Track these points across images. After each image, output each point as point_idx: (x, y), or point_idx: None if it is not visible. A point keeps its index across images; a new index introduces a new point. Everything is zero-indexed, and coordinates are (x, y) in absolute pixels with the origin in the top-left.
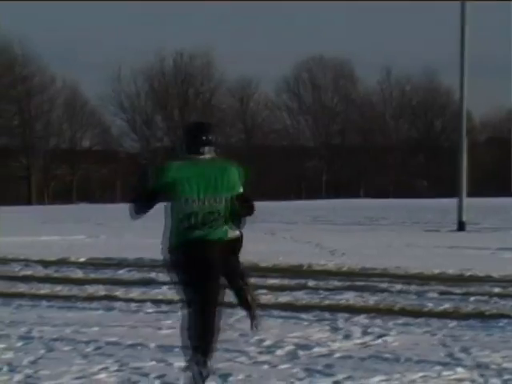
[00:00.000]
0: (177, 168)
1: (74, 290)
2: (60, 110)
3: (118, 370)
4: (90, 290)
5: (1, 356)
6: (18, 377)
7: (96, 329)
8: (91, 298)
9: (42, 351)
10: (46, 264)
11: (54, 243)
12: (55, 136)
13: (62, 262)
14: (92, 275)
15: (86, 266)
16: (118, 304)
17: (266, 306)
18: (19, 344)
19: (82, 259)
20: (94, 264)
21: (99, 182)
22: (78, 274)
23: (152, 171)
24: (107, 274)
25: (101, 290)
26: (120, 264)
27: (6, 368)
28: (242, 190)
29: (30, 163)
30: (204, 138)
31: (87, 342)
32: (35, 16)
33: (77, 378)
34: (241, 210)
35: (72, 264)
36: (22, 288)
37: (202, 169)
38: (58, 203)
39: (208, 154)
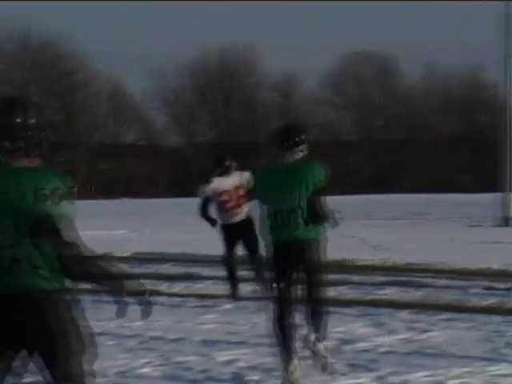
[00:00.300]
0: (265, 172)
1: None
2: (104, 105)
3: (161, 365)
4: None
5: None
6: None
7: (140, 323)
8: (133, 293)
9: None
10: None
11: (98, 238)
12: (99, 131)
13: (107, 257)
14: (136, 270)
15: (129, 261)
16: (161, 298)
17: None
18: None
19: (125, 254)
20: (137, 258)
21: (143, 177)
22: (123, 268)
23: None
24: (151, 268)
25: (146, 284)
26: (163, 258)
27: None
28: (320, 188)
29: (75, 158)
30: (289, 141)
31: (131, 337)
32: (80, 12)
33: (121, 373)
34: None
35: (116, 259)
36: (66, 282)
37: (285, 171)
38: (102, 198)
39: (292, 155)
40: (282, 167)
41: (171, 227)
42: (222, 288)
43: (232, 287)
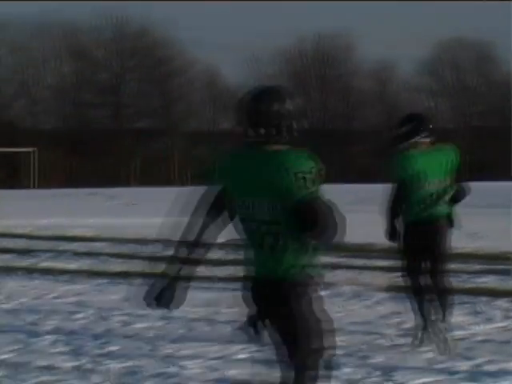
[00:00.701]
0: (417, 156)
1: (214, 271)
2: (200, 92)
3: (257, 351)
4: (230, 270)
5: (142, 335)
6: (158, 356)
7: (236, 310)
8: (231, 279)
9: (182, 331)
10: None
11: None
12: (196, 118)
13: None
14: (231, 256)
15: (225, 247)
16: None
17: (405, 289)
18: (160, 324)
19: (221, 240)
20: (233, 245)
21: None
22: (218, 254)
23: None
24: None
25: (240, 271)
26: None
27: (147, 347)
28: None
29: (172, 145)
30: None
31: (227, 323)
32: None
33: (216, 358)
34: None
35: (213, 244)
36: (162, 268)
37: (431, 155)
38: (198, 184)
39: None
40: (426, 151)
41: None
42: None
43: None
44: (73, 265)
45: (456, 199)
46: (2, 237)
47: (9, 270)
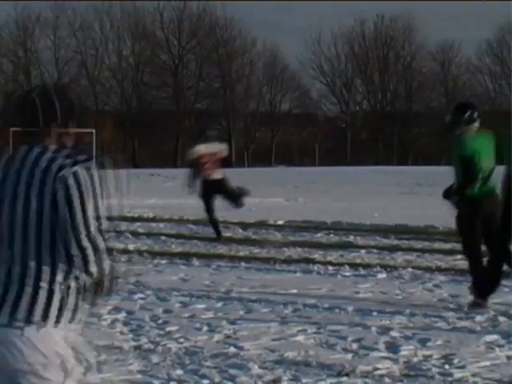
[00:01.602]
0: (475, 139)
1: (273, 253)
2: (260, 73)
3: (315, 333)
4: (289, 252)
5: (201, 316)
6: (217, 337)
7: (294, 291)
8: (289, 261)
9: (241, 312)
10: (245, 226)
11: (252, 205)
12: (255, 99)
13: (261, 225)
14: (290, 238)
15: (284, 229)
16: (315, 267)
17: (465, 272)
18: (219, 305)
19: (280, 222)
20: (292, 227)
21: (298, 145)
22: (277, 236)
23: None
24: (305, 236)
25: (299, 253)
26: (318, 227)
27: (205, 328)
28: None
29: (231, 126)
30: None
31: (285, 304)
32: None
33: (274, 340)
34: None
35: (270, 226)
36: (221, 249)
37: (483, 139)
38: (257, 166)
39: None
40: (478, 135)
41: (326, 196)
42: (376, 257)
43: (216, 231)
44: (132, 245)
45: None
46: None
47: None
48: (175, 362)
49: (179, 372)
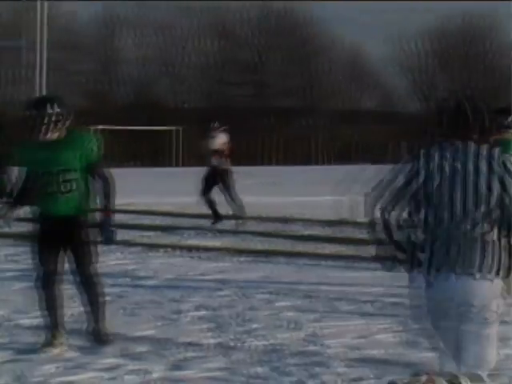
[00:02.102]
0: None
1: (358, 250)
2: (344, 71)
3: (399, 331)
4: (373, 250)
5: (284, 314)
6: (300, 334)
7: (379, 289)
8: (373, 258)
9: (325, 310)
10: (328, 224)
11: (336, 203)
12: (337, 97)
13: (345, 222)
14: (363, 236)
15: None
16: None
17: None
18: (302, 302)
19: (363, 220)
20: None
21: (380, 143)
22: (361, 234)
23: None
24: None
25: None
26: (402, 225)
27: (289, 326)
28: None
29: (313, 123)
30: None
31: (369, 302)
32: None
33: (358, 338)
34: None
35: (354, 224)
36: (304, 247)
37: None
38: (339, 163)
39: None
40: None
41: None
42: None
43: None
44: (216, 242)
45: None
46: (146, 214)
47: (153, 248)
48: (258, 359)
49: (262, 370)
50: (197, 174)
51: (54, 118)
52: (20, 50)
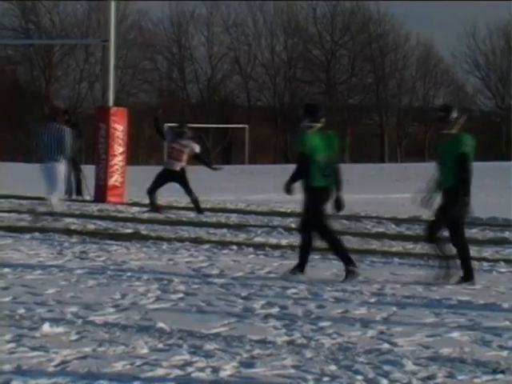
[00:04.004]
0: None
1: (426, 248)
2: (413, 68)
3: (470, 329)
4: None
5: (354, 311)
6: (370, 332)
7: (448, 287)
8: (442, 257)
9: (395, 308)
10: (398, 222)
11: (406, 201)
12: (408, 94)
13: (414, 220)
14: (444, 233)
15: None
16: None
17: None
18: (372, 300)
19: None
20: None
21: None
22: None
23: None
24: None
25: (453, 249)
26: (472, 223)
27: (359, 324)
28: None
29: (383, 121)
30: None
31: (439, 300)
32: None
33: (429, 336)
34: None
35: (424, 222)
36: (374, 245)
37: None
38: (411, 161)
39: None
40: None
41: (480, 191)
42: None
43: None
44: (285, 240)
45: None
46: (216, 212)
47: (223, 245)
48: (328, 357)
49: (332, 367)
50: (265, 171)
51: None
52: (93, 49)
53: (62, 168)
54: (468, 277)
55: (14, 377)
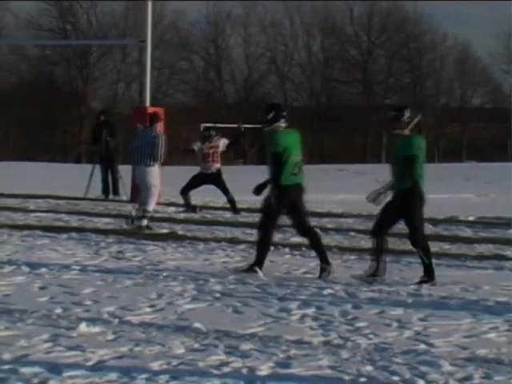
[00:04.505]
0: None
1: (463, 249)
2: (451, 68)
3: (507, 330)
4: (479, 248)
5: (390, 312)
6: (407, 333)
7: (486, 288)
8: (481, 257)
9: (431, 309)
10: (434, 222)
11: (443, 201)
12: (445, 94)
13: (451, 221)
14: (481, 234)
15: (474, 225)
16: (507, 264)
17: None
18: (409, 301)
19: (470, 218)
20: (483, 223)
21: (489, 141)
22: (467, 232)
23: None
24: (497, 233)
25: (490, 250)
26: (510, 223)
27: (395, 324)
28: None
29: (422, 121)
30: None
31: (476, 301)
32: None
33: (466, 337)
34: None
35: (461, 222)
36: (410, 245)
37: None
38: (448, 161)
39: None
40: None
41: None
42: None
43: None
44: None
45: None
46: (253, 212)
47: None
48: (365, 357)
49: (369, 368)
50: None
51: None
52: (130, 49)
53: (154, 173)
54: (430, 276)
55: (51, 376)
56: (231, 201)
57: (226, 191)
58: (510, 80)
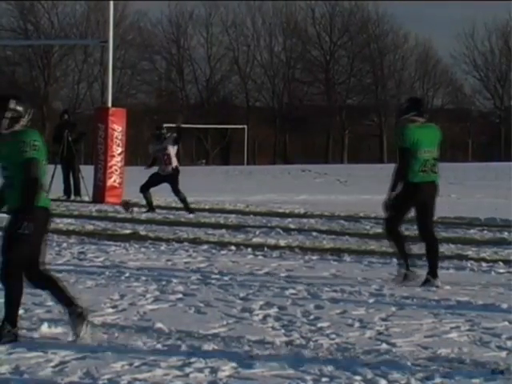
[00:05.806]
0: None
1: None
2: (412, 69)
3: (469, 330)
4: (441, 248)
5: (352, 312)
6: (369, 333)
7: (447, 287)
8: (442, 257)
9: (393, 308)
10: None
11: None
12: (407, 94)
13: (412, 221)
14: (443, 234)
15: (436, 225)
16: (469, 263)
17: None
18: (370, 301)
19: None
20: (444, 223)
21: (451, 141)
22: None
23: None
24: (458, 233)
25: (452, 249)
26: (471, 223)
27: (357, 324)
28: None
29: (382, 122)
30: None
31: (438, 301)
32: None
33: (427, 337)
34: None
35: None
36: (373, 245)
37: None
38: None
39: None
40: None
41: (479, 192)
42: None
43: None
44: (284, 241)
45: None
46: (215, 212)
47: (222, 245)
48: (327, 357)
49: (331, 368)
50: (264, 172)
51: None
52: (92, 49)
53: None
54: (434, 275)
55: (12, 377)
56: (183, 200)
57: (176, 191)
58: (471, 81)
